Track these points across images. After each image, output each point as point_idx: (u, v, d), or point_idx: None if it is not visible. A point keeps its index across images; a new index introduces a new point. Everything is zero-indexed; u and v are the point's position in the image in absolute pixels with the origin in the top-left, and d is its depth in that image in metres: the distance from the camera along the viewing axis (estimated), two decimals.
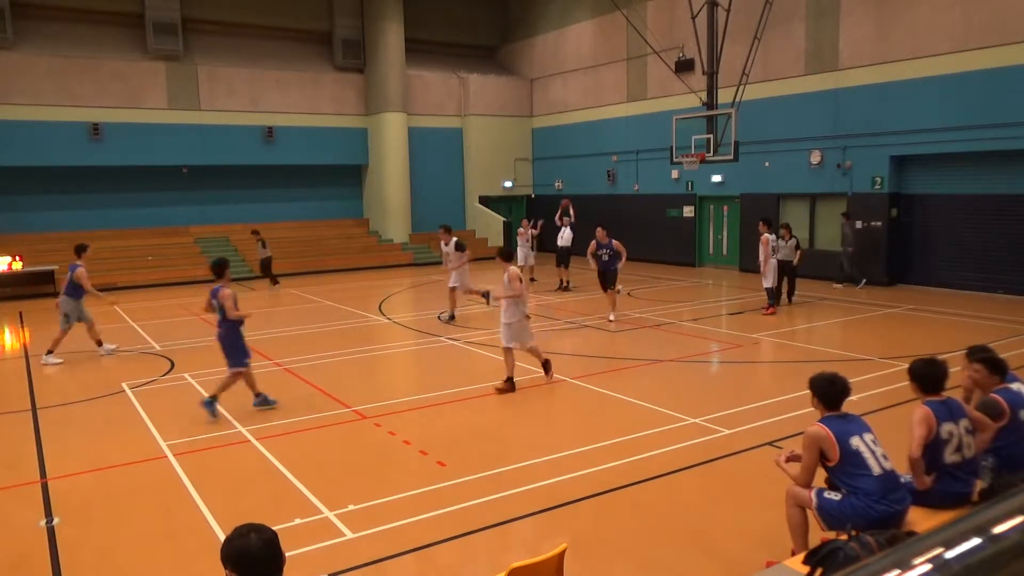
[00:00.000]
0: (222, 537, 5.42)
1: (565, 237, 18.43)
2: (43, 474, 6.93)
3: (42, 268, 19.46)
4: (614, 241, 14.17)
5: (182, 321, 15.19)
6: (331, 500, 6.06)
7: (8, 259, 19.05)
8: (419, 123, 27.03)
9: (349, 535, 5.48)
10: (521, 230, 19.85)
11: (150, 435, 7.91)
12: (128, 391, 9.70)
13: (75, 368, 11.38)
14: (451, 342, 12.45)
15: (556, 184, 28.03)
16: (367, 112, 26.58)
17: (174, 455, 7.23)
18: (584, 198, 26.59)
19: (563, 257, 18.32)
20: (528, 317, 9.48)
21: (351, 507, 5.93)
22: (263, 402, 8.74)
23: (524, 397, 9.21)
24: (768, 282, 14.40)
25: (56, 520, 5.88)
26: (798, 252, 14.89)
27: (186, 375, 10.49)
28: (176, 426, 8.20)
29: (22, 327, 15.32)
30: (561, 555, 3.64)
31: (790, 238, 14.82)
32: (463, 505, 5.96)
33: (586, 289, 18.20)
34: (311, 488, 6.33)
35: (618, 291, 14.71)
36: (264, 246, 20.07)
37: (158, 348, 12.39)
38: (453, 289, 14.34)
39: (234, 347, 8.59)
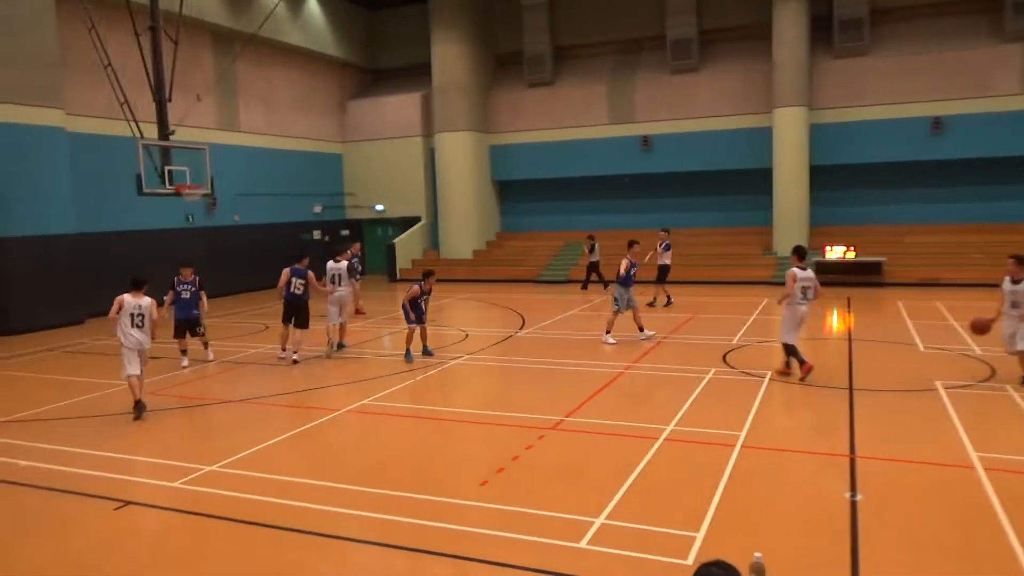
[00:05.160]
0: None
1: None
2: (852, 450, 7.40)
3: (870, 259, 20.76)
4: None
5: None
6: None
7: (843, 248, 20.97)
8: None
9: None
10: None
11: (959, 440, 7.52)
12: (941, 390, 9.44)
13: (890, 359, 11.71)
14: None
15: None
16: None
17: (984, 468, 6.67)
18: None
19: None
20: None
21: None
22: None
23: None
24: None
25: (859, 496, 6.20)
26: None
27: (1008, 386, 9.52)
28: (991, 438, 7.55)
29: (848, 312, 16.64)
30: None
31: None
32: None
33: None
34: None
35: None
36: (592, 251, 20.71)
37: (978, 352, 11.61)
38: None
39: None
